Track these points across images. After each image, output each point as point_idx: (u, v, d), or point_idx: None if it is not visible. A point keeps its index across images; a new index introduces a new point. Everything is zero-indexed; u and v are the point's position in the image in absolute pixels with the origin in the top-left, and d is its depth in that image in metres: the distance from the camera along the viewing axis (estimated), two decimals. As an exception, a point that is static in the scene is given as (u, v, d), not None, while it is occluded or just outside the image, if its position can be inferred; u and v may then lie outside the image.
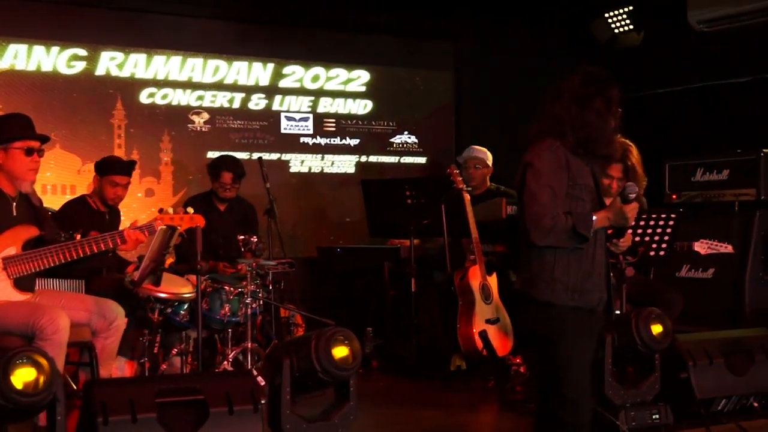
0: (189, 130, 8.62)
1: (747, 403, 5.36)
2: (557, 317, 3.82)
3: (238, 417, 4.00)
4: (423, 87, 9.68)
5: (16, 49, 7.89)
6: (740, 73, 8.47)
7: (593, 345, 3.97)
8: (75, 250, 4.75)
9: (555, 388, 3.86)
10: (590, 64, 4.04)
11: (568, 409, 3.83)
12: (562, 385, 3.83)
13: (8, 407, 3.60)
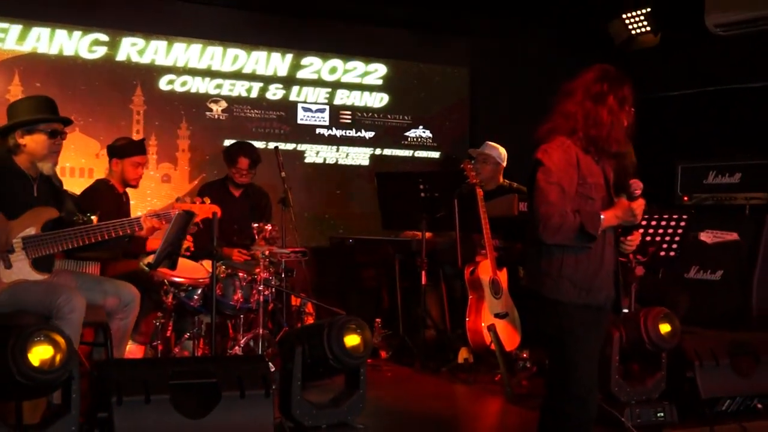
0: (207, 118, 8.63)
1: (751, 404, 5.36)
2: (565, 315, 3.84)
3: (250, 401, 4.03)
4: (439, 82, 9.69)
5: (38, 32, 7.91)
6: (756, 78, 8.46)
7: (600, 342, 4.00)
8: (94, 235, 4.78)
9: (562, 385, 3.89)
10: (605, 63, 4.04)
11: (575, 405, 3.85)
12: (569, 382, 3.85)
13: (25, 384, 3.64)
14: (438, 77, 9.68)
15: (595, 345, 3.93)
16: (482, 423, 5.53)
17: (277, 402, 4.21)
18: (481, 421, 5.56)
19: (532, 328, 5.05)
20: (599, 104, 3.87)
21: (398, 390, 6.10)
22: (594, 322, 3.87)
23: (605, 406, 4.86)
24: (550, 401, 3.97)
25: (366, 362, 4.36)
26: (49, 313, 4.48)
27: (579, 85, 3.93)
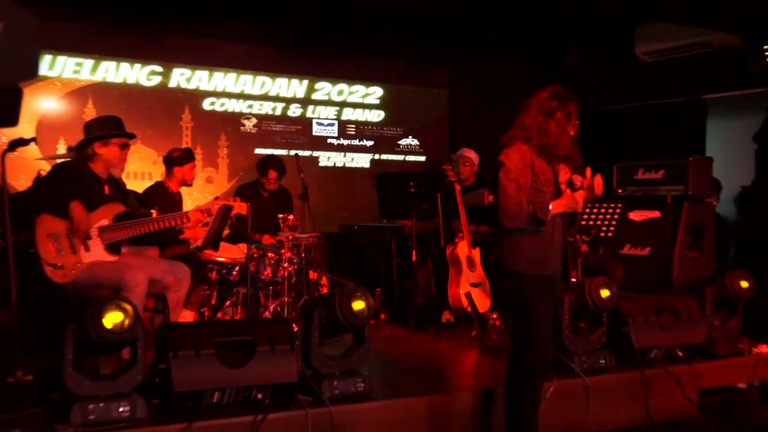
0: (241, 132, 8.67)
1: (673, 352, 5.38)
2: (523, 283, 3.93)
3: (278, 354, 4.05)
4: (424, 101, 9.71)
5: (107, 65, 7.97)
6: (676, 94, 8.47)
7: (551, 303, 4.05)
8: (153, 224, 4.82)
9: (523, 337, 3.97)
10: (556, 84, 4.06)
11: (533, 351, 3.95)
12: (528, 333, 3.94)
13: (100, 343, 3.67)
14: (423, 97, 9.69)
15: (547, 306, 4.00)
16: (461, 370, 5.55)
17: (300, 354, 4.21)
18: (461, 368, 5.57)
19: (499, 294, 5.06)
20: (549, 118, 3.93)
21: (395, 345, 6.12)
22: (545, 289, 3.95)
23: (559, 355, 4.88)
24: (515, 350, 4.04)
25: (369, 323, 4.37)
26: (118, 286, 4.50)
27: (534, 102, 4.00)
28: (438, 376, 5.22)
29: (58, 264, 4.54)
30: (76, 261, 4.56)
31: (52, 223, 4.55)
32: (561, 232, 4.03)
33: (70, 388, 3.62)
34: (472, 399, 4.47)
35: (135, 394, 3.72)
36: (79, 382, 3.64)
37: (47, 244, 4.52)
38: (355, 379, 4.25)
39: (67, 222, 4.55)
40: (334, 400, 4.11)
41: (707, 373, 5.34)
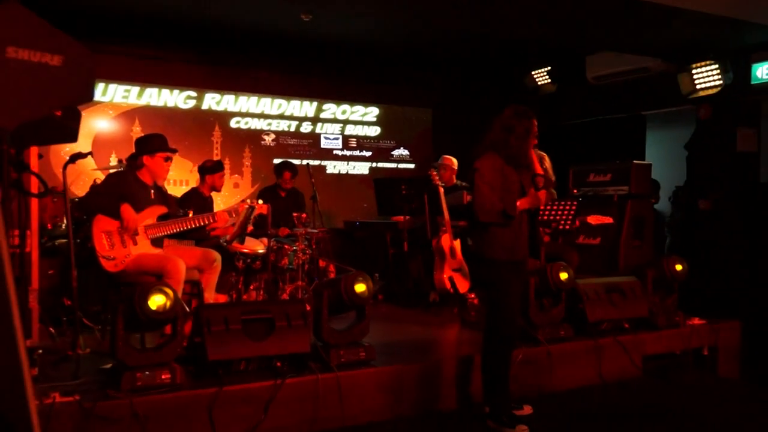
0: (261, 145, 8.67)
1: (621, 324, 5.37)
2: (498, 267, 3.92)
3: (294, 329, 4.05)
4: (412, 118, 9.70)
5: (150, 91, 7.98)
6: (619, 111, 8.48)
7: (520, 285, 4.06)
8: (189, 223, 4.81)
9: (497, 312, 3.97)
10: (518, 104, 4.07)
11: (505, 323, 3.96)
12: (502, 309, 3.94)
13: (146, 322, 3.66)
14: (412, 115, 9.69)
15: (517, 286, 4.01)
16: (445, 340, 5.54)
17: (312, 329, 4.21)
18: (445, 339, 5.56)
19: (476, 278, 5.06)
20: (510, 134, 3.93)
21: (390, 320, 6.10)
22: (515, 272, 3.96)
23: (526, 328, 4.88)
24: (489, 324, 4.03)
25: (369, 302, 4.37)
26: (161, 274, 4.48)
27: (498, 120, 4.03)
28: (426, 346, 5.20)
29: (111, 256, 4.52)
30: (126, 253, 4.55)
31: (106, 222, 4.55)
32: (527, 225, 4.04)
33: (121, 359, 3.61)
34: (454, 365, 4.46)
35: (174, 363, 3.72)
36: (129, 354, 3.63)
37: (102, 240, 4.52)
38: (358, 349, 4.24)
39: (118, 221, 4.56)
40: (341, 366, 4.10)
41: (649, 341, 5.34)
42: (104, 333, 4.87)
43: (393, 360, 4.39)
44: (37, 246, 4.05)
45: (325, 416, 3.95)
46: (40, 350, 4.15)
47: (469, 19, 6.19)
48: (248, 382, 3.79)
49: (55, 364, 4.10)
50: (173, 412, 3.55)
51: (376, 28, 7.33)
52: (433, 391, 4.35)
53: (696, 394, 4.87)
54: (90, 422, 3.33)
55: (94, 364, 4.07)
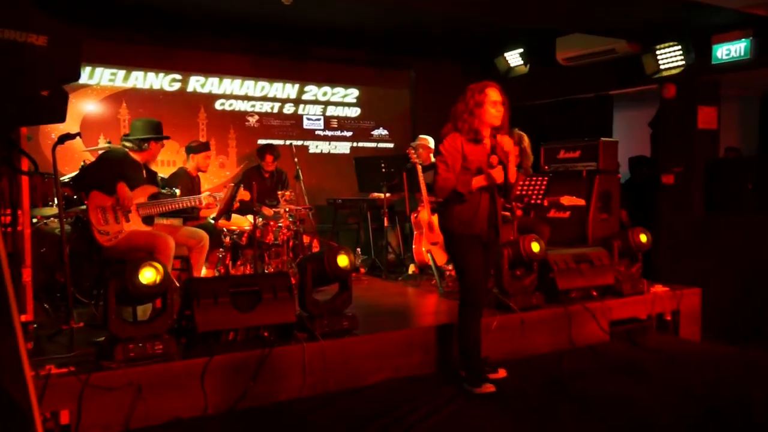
0: (246, 126, 8.58)
1: (589, 292, 5.41)
2: (456, 239, 3.96)
3: (280, 300, 4.06)
4: (391, 99, 9.62)
5: (136, 74, 7.85)
6: (588, 91, 8.50)
7: (480, 255, 3.99)
8: (177, 204, 4.80)
9: (461, 280, 4.03)
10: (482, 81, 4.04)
11: (469, 294, 3.99)
12: (463, 277, 4.00)
13: (137, 295, 3.65)
14: (391, 96, 9.61)
15: (476, 257, 3.97)
16: (424, 309, 5.56)
17: (297, 300, 4.21)
18: (424, 308, 5.59)
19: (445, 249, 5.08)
20: (464, 109, 3.94)
21: (371, 291, 6.11)
22: (474, 244, 3.95)
23: (500, 297, 4.92)
24: (460, 293, 4.06)
25: (351, 275, 4.37)
26: (152, 250, 4.47)
27: (459, 96, 4.02)
28: (406, 316, 5.23)
29: (105, 231, 4.52)
30: (119, 229, 4.54)
31: (101, 198, 4.55)
32: (489, 201, 3.97)
33: (114, 331, 3.60)
34: (432, 332, 4.48)
35: (166, 335, 3.71)
36: (121, 327, 3.62)
37: (97, 215, 4.52)
38: (341, 318, 4.26)
39: (113, 198, 4.56)
40: (325, 335, 4.11)
41: (615, 307, 5.39)
42: (97, 307, 4.84)
43: (375, 329, 4.41)
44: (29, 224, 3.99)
45: (311, 382, 3.97)
46: (35, 325, 4.13)
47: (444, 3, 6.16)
48: (237, 352, 3.79)
49: (50, 338, 4.08)
50: (166, 381, 3.55)
51: (355, 12, 7.26)
52: (413, 357, 4.37)
53: (659, 355, 4.94)
54: (86, 392, 3.32)
55: (88, 337, 4.04)
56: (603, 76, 8.13)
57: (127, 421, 3.41)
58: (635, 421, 3.63)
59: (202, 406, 3.62)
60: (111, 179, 4.55)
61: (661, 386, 4.22)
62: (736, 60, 6.83)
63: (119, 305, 3.69)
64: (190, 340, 3.86)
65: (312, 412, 3.70)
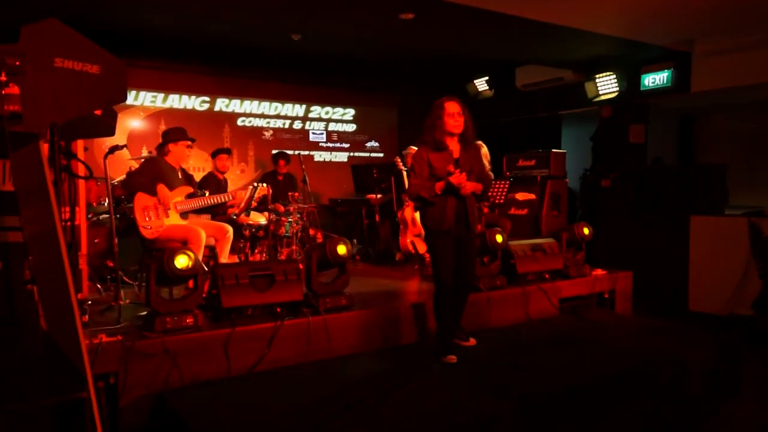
0: (262, 139, 8.53)
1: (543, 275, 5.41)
2: (428, 233, 3.85)
3: (290, 282, 4.04)
4: (381, 117, 9.59)
5: (173, 97, 7.80)
6: (542, 111, 8.52)
7: (451, 248, 3.82)
8: (212, 200, 4.77)
9: (434, 268, 3.88)
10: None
11: (440, 282, 3.85)
12: (435, 266, 3.87)
13: (173, 277, 3.63)
14: (381, 114, 9.57)
15: (446, 250, 3.80)
16: (408, 290, 5.55)
17: (304, 282, 4.20)
18: (408, 289, 5.57)
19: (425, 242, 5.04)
20: (428, 122, 3.85)
21: (365, 275, 6.09)
22: (443, 239, 3.79)
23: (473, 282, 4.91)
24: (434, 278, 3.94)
25: (348, 261, 4.36)
26: (186, 240, 4.44)
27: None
28: (393, 295, 5.21)
29: (147, 225, 4.48)
30: (160, 224, 4.50)
31: (145, 199, 4.52)
32: (456, 201, 3.77)
33: (154, 307, 3.58)
34: (413, 309, 4.47)
35: (197, 310, 3.69)
36: (160, 303, 3.60)
37: (141, 212, 4.48)
38: (340, 297, 4.25)
39: (154, 198, 4.52)
40: (327, 311, 4.10)
41: (564, 288, 5.41)
42: (140, 287, 4.82)
43: (368, 306, 4.40)
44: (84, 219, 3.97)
45: (315, 350, 3.96)
46: (90, 302, 4.11)
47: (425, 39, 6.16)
48: (255, 324, 3.78)
49: (102, 313, 4.06)
50: (196, 348, 3.54)
51: (353, 45, 7.25)
52: (399, 329, 4.37)
53: (599, 326, 4.96)
54: (130, 357, 3.30)
55: (133, 312, 4.03)
56: (554, 99, 8.15)
57: (165, 381, 3.40)
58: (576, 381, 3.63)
59: (225, 369, 3.61)
60: (152, 182, 4.52)
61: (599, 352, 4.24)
62: (660, 87, 6.86)
63: (159, 286, 3.66)
64: (216, 315, 3.84)
65: (315, 375, 3.68)
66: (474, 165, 3.85)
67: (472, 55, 7.23)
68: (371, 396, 3.28)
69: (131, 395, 3.29)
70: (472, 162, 3.84)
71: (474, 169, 3.83)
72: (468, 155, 3.87)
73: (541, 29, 5.63)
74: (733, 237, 6.19)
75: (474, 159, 3.88)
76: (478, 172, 3.85)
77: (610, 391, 3.61)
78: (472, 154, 3.88)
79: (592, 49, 6.53)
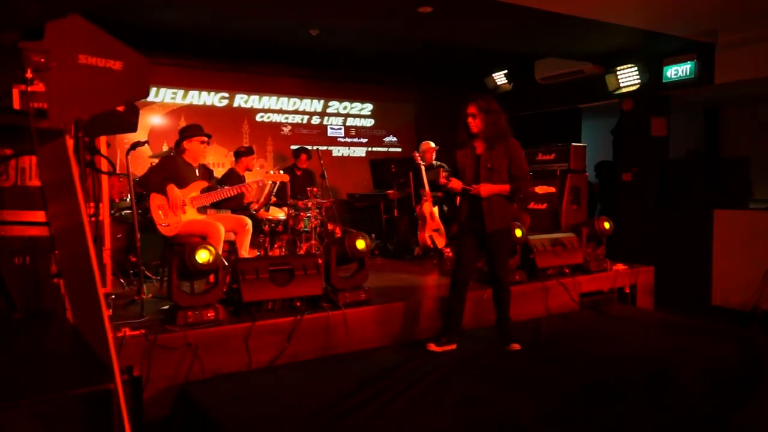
0: (281, 135, 8.56)
1: (563, 269, 5.40)
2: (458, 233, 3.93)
3: (309, 277, 4.06)
4: (400, 112, 9.58)
5: (192, 93, 7.86)
6: (561, 104, 8.45)
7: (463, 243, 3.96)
8: (226, 192, 4.79)
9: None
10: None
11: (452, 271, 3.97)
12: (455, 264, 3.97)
13: (194, 272, 3.67)
14: (399, 110, 9.56)
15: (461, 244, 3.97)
16: (427, 284, 5.55)
17: (323, 277, 4.22)
18: (426, 283, 5.58)
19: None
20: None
21: (383, 270, 6.11)
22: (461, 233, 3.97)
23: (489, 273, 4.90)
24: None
25: (367, 256, 4.38)
26: (205, 235, 4.48)
27: None
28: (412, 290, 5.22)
29: (165, 223, 4.52)
30: (177, 221, 4.54)
31: (159, 198, 4.55)
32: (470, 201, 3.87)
33: (176, 301, 3.62)
34: (432, 304, 4.48)
35: (217, 304, 3.73)
36: (182, 298, 3.65)
37: (157, 212, 4.52)
38: (359, 291, 4.27)
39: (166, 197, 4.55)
40: (346, 305, 4.13)
41: (584, 282, 5.38)
42: (162, 282, 4.88)
43: (386, 300, 4.41)
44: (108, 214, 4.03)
45: (335, 344, 3.98)
46: (113, 296, 4.17)
47: (444, 32, 6.13)
48: (275, 318, 3.81)
49: (125, 307, 4.12)
50: (217, 342, 3.58)
51: (371, 40, 7.24)
52: (418, 324, 4.38)
53: (620, 321, 4.93)
54: (153, 350, 3.35)
55: (155, 306, 4.08)
56: (573, 93, 8.07)
57: (187, 374, 3.45)
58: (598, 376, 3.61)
59: (246, 362, 3.64)
60: (163, 182, 4.54)
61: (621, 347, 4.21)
62: (683, 79, 6.76)
63: (180, 280, 3.71)
64: (237, 309, 3.88)
65: (335, 369, 3.71)
66: (498, 163, 3.83)
67: (490, 49, 7.18)
68: (391, 389, 3.30)
69: (154, 387, 3.34)
70: (494, 160, 3.82)
71: (495, 167, 3.82)
72: (492, 153, 3.85)
73: (562, 21, 5.57)
74: (757, 231, 6.09)
75: (500, 157, 3.84)
76: (503, 170, 3.84)
77: (634, 387, 3.58)
78: (498, 152, 3.85)
79: (613, 41, 6.45)
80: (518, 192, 3.85)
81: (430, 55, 8.11)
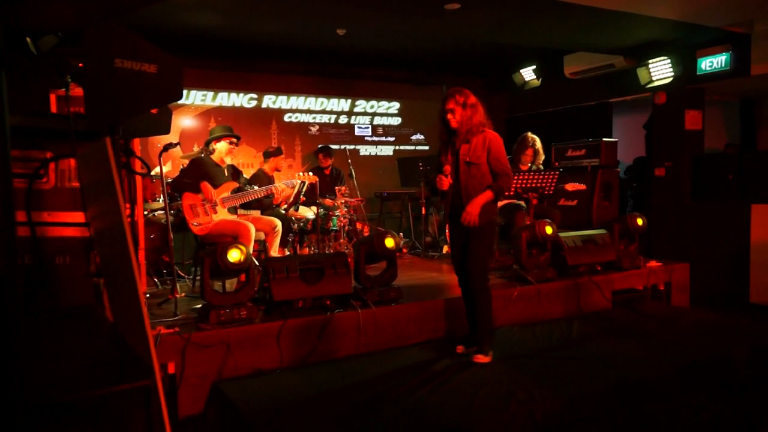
0: (309, 134, 8.63)
1: (595, 267, 5.29)
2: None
3: (339, 275, 4.07)
4: (426, 110, 9.54)
5: (222, 95, 7.98)
6: (591, 99, 8.33)
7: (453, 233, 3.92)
8: (255, 194, 4.84)
9: None
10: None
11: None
12: None
13: (226, 271, 3.71)
14: (425, 107, 9.52)
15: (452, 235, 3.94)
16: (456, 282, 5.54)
17: (353, 275, 4.23)
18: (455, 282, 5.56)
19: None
20: None
21: (412, 268, 6.09)
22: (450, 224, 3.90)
23: (519, 271, 4.88)
24: None
25: (396, 254, 4.37)
26: (236, 235, 4.54)
27: None
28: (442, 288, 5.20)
29: (197, 223, 4.59)
30: (209, 220, 4.61)
31: (192, 197, 4.61)
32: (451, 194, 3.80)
33: (209, 300, 3.67)
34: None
35: (249, 303, 3.77)
36: (214, 297, 3.69)
37: (189, 211, 4.58)
38: (389, 290, 4.27)
39: (200, 196, 4.60)
40: (376, 303, 4.14)
41: (617, 280, 5.30)
42: (194, 281, 4.96)
43: (416, 298, 4.41)
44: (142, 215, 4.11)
45: (365, 342, 3.99)
46: (148, 295, 4.25)
47: (471, 29, 6.09)
48: (305, 317, 3.84)
49: (159, 305, 4.19)
50: (249, 340, 3.62)
51: (398, 38, 7.24)
52: (449, 321, 4.37)
53: (654, 319, 4.84)
54: (187, 348, 3.41)
55: (188, 305, 4.15)
56: (604, 87, 7.96)
57: (220, 371, 3.50)
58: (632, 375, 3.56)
59: (278, 360, 3.68)
60: (195, 181, 4.61)
61: (655, 346, 4.14)
62: (718, 70, 6.61)
63: (212, 279, 3.75)
64: (268, 307, 3.92)
65: (365, 366, 3.72)
66: (476, 156, 3.68)
67: (518, 44, 7.12)
68: (423, 386, 3.30)
69: (188, 384, 3.40)
70: (472, 154, 3.68)
71: (474, 160, 3.68)
72: (470, 146, 3.71)
73: (592, 14, 5.50)
74: (797, 226, 5.92)
75: (477, 150, 3.69)
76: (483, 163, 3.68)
77: (668, 386, 3.52)
78: (476, 145, 3.69)
79: (645, 34, 6.34)
80: (501, 193, 3.68)
81: (456, 52, 8.08)
